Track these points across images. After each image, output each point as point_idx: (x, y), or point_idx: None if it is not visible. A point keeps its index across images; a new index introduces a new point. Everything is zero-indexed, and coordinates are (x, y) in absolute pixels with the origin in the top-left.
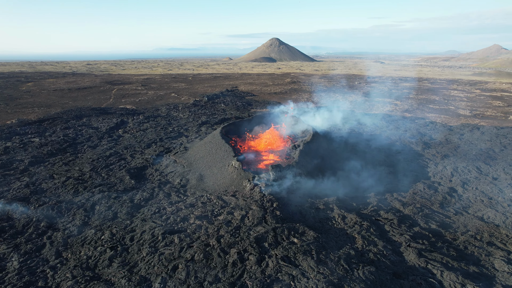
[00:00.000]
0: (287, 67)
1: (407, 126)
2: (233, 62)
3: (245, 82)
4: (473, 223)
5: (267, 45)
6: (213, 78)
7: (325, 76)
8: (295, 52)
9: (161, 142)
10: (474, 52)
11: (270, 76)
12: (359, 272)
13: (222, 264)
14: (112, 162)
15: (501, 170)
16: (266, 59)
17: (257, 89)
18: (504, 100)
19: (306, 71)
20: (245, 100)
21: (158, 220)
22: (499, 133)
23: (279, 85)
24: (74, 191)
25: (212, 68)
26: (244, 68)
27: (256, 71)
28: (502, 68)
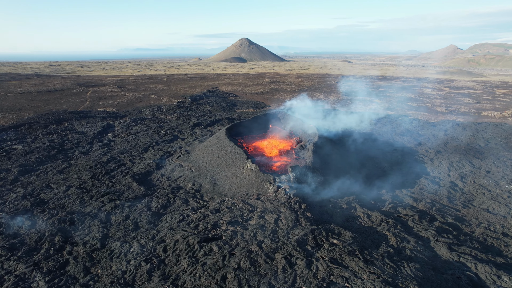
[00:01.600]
0: (259, 67)
1: (395, 123)
2: (204, 62)
3: (224, 82)
4: (482, 215)
5: (237, 45)
6: (189, 79)
7: (300, 75)
8: (265, 52)
9: (158, 146)
10: (433, 52)
11: (246, 76)
12: (406, 269)
13: (272, 271)
14: (112, 169)
15: (492, 163)
16: (237, 59)
17: (238, 90)
18: (472, 97)
19: (280, 71)
20: (228, 100)
21: (188, 228)
22: (478, 128)
23: (259, 85)
24: (80, 201)
25: (183, 68)
26: (217, 69)
27: (230, 71)
28: (460, 66)
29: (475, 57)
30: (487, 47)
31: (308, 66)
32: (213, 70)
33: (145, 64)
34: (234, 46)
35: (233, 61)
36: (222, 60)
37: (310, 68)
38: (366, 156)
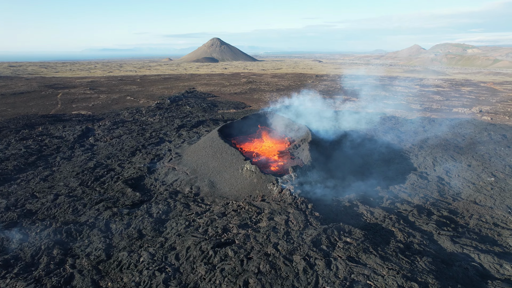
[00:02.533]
0: (232, 67)
1: (375, 121)
2: (175, 62)
3: (200, 83)
4: (472, 207)
5: (208, 45)
6: (164, 80)
7: (275, 75)
8: (237, 52)
9: (145, 149)
10: (399, 52)
11: (221, 76)
12: (421, 263)
13: (293, 273)
14: (101, 174)
15: (471, 158)
16: (209, 59)
17: (216, 90)
18: (441, 94)
19: (254, 71)
20: (208, 101)
21: (198, 234)
22: (453, 124)
23: (236, 85)
24: (73, 210)
25: (155, 69)
26: (190, 69)
27: (204, 71)
28: (425, 65)
29: (438, 57)
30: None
31: (280, 66)
32: (186, 71)
33: (114, 65)
34: (205, 46)
35: (205, 61)
36: (193, 60)
37: (283, 68)
38: (357, 154)
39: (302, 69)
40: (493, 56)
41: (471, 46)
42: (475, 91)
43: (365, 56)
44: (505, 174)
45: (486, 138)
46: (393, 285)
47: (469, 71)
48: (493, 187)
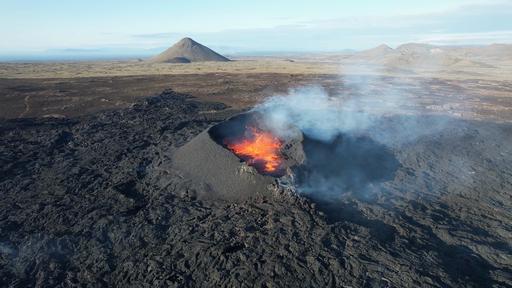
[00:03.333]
0: (206, 67)
1: (357, 119)
2: (146, 63)
3: (176, 84)
4: (459, 200)
5: (180, 45)
6: (137, 81)
7: (250, 75)
8: (209, 52)
9: (130, 153)
10: (367, 51)
11: (196, 77)
12: (428, 257)
13: (310, 274)
14: (88, 181)
15: (451, 152)
16: (180, 60)
17: (194, 91)
18: (413, 92)
19: (228, 71)
20: (187, 102)
21: (204, 239)
22: (428, 121)
23: (213, 85)
24: (64, 220)
25: (126, 70)
26: (162, 70)
27: (177, 72)
28: (393, 64)
29: (404, 56)
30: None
31: (254, 66)
32: (158, 71)
33: (82, 66)
34: (176, 46)
35: (177, 61)
36: (164, 60)
37: (257, 68)
38: (346, 152)
39: (276, 68)
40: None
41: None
42: (443, 89)
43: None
44: (484, 167)
45: (461, 134)
46: (408, 281)
47: (434, 70)
48: (475, 180)
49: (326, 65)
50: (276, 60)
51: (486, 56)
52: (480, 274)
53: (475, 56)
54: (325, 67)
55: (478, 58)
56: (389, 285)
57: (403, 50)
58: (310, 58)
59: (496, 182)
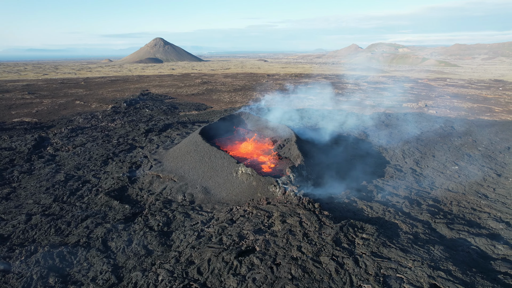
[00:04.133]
0: (180, 67)
1: (339, 118)
2: (117, 64)
3: (152, 84)
4: (448, 194)
5: (151, 45)
6: (111, 82)
7: (227, 75)
8: (182, 52)
9: (117, 157)
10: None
11: (171, 77)
12: (436, 252)
13: (327, 274)
14: (76, 188)
15: (433, 148)
16: (152, 60)
17: (172, 91)
18: (388, 90)
19: (204, 71)
20: (167, 103)
21: (213, 244)
22: (407, 118)
23: (191, 86)
24: (56, 230)
25: (97, 71)
26: (135, 70)
27: (150, 72)
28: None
29: (374, 55)
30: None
31: (228, 66)
32: (131, 72)
33: (48, 66)
34: (148, 46)
35: (149, 62)
36: (136, 61)
37: (232, 68)
38: (334, 150)
39: (250, 68)
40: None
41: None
42: (415, 87)
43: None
44: (465, 162)
45: (440, 130)
46: (423, 276)
47: (403, 69)
48: (459, 174)
49: (299, 64)
50: (249, 60)
51: (449, 56)
52: (483, 265)
53: (439, 55)
54: (299, 66)
55: (442, 57)
56: (406, 281)
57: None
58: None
59: (479, 175)
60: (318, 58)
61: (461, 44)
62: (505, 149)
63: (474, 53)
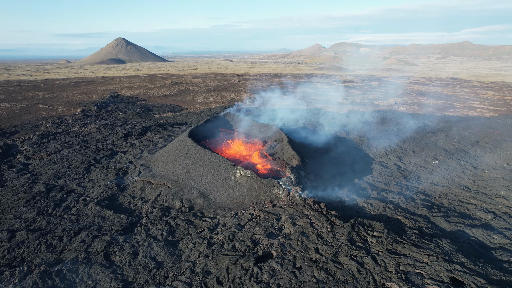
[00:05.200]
0: (145, 68)
1: (318, 117)
2: (76, 65)
3: (120, 86)
4: (435, 188)
5: (113, 45)
6: (74, 84)
7: (196, 76)
8: (145, 53)
9: (100, 164)
10: (303, 50)
11: (138, 78)
12: (445, 246)
13: (350, 275)
14: (61, 198)
15: (412, 144)
16: (115, 61)
17: (143, 93)
18: (357, 89)
19: (171, 72)
20: (140, 105)
21: (228, 252)
22: (380, 116)
23: (162, 87)
24: (47, 247)
25: (55, 72)
26: (97, 72)
27: (115, 74)
28: (329, 63)
29: (338, 55)
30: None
31: (195, 66)
32: (93, 74)
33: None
34: (109, 46)
35: (111, 62)
36: (97, 62)
37: (198, 68)
38: (321, 150)
39: (218, 68)
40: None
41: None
42: (382, 85)
43: (272, 55)
44: (444, 156)
45: (415, 126)
46: (441, 270)
47: (366, 68)
48: (440, 168)
49: (266, 64)
50: (215, 60)
51: (407, 55)
52: (486, 255)
53: (398, 54)
54: (266, 66)
55: (401, 56)
56: (426, 277)
57: (335, 49)
58: (248, 58)
59: (458, 169)
60: (283, 58)
61: (417, 44)
62: (474, 143)
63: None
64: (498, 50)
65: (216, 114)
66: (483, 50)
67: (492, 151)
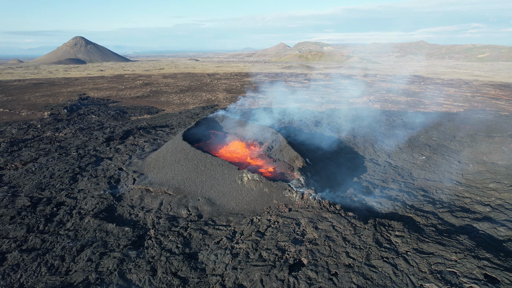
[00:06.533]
0: (109, 68)
1: (300, 116)
2: (31, 65)
3: (87, 88)
4: (429, 184)
5: (71, 44)
6: (34, 86)
7: (165, 75)
8: (106, 52)
9: (86, 172)
10: (268, 49)
11: (105, 79)
12: (465, 241)
13: (388, 278)
14: (51, 213)
15: (397, 141)
16: (74, 61)
17: (114, 95)
18: (330, 87)
19: (137, 72)
20: (113, 108)
21: (256, 262)
22: (359, 113)
23: (133, 88)
24: (49, 268)
25: (8, 73)
26: (56, 72)
27: (77, 74)
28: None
29: (303, 53)
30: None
31: (160, 66)
32: (52, 74)
33: None
34: (67, 46)
35: (70, 62)
36: (54, 62)
37: (165, 68)
38: (312, 148)
39: (185, 68)
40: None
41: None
42: (353, 83)
43: (237, 54)
44: (429, 152)
45: (394, 123)
46: (473, 268)
47: (332, 66)
48: (430, 164)
49: (233, 63)
50: (180, 59)
51: (369, 54)
52: (500, 248)
53: (360, 53)
54: (233, 65)
55: (363, 55)
56: (460, 275)
57: (300, 48)
58: (214, 57)
59: (444, 164)
60: (249, 57)
61: (377, 43)
62: (452, 138)
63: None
64: (450, 49)
65: (195, 114)
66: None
67: (470, 146)
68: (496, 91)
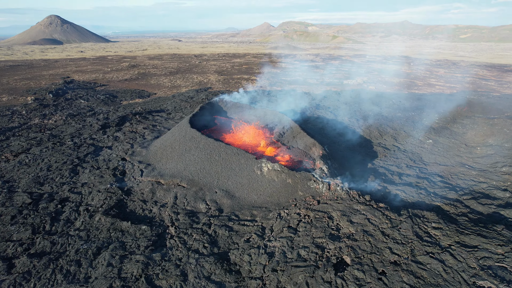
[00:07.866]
0: (89, 50)
1: (301, 99)
2: (2, 45)
3: (70, 70)
4: (443, 169)
5: (46, 24)
6: (11, 68)
7: (151, 57)
8: (85, 32)
9: (86, 163)
10: (252, 29)
11: (87, 61)
12: (503, 232)
13: (438, 276)
14: (55, 211)
15: (400, 124)
16: (50, 41)
17: (100, 78)
18: (321, 68)
19: (121, 53)
20: (102, 92)
21: (297, 262)
22: (357, 95)
23: (120, 70)
24: (65, 275)
25: None
26: (32, 54)
27: (56, 56)
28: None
29: (288, 33)
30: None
31: (143, 47)
32: (28, 56)
33: None
34: (41, 25)
35: (46, 43)
36: (29, 42)
37: (148, 49)
38: (320, 132)
39: (169, 49)
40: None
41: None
42: (344, 64)
43: (220, 34)
44: (434, 135)
45: (394, 106)
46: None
47: (319, 46)
48: (438, 148)
49: (217, 44)
50: (162, 40)
51: (353, 34)
52: None
53: (344, 33)
54: (218, 46)
55: (348, 35)
56: None
57: (284, 28)
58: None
59: (452, 147)
60: (233, 37)
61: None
62: (452, 120)
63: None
64: (433, 29)
65: (190, 98)
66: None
67: (472, 128)
68: (483, 71)
